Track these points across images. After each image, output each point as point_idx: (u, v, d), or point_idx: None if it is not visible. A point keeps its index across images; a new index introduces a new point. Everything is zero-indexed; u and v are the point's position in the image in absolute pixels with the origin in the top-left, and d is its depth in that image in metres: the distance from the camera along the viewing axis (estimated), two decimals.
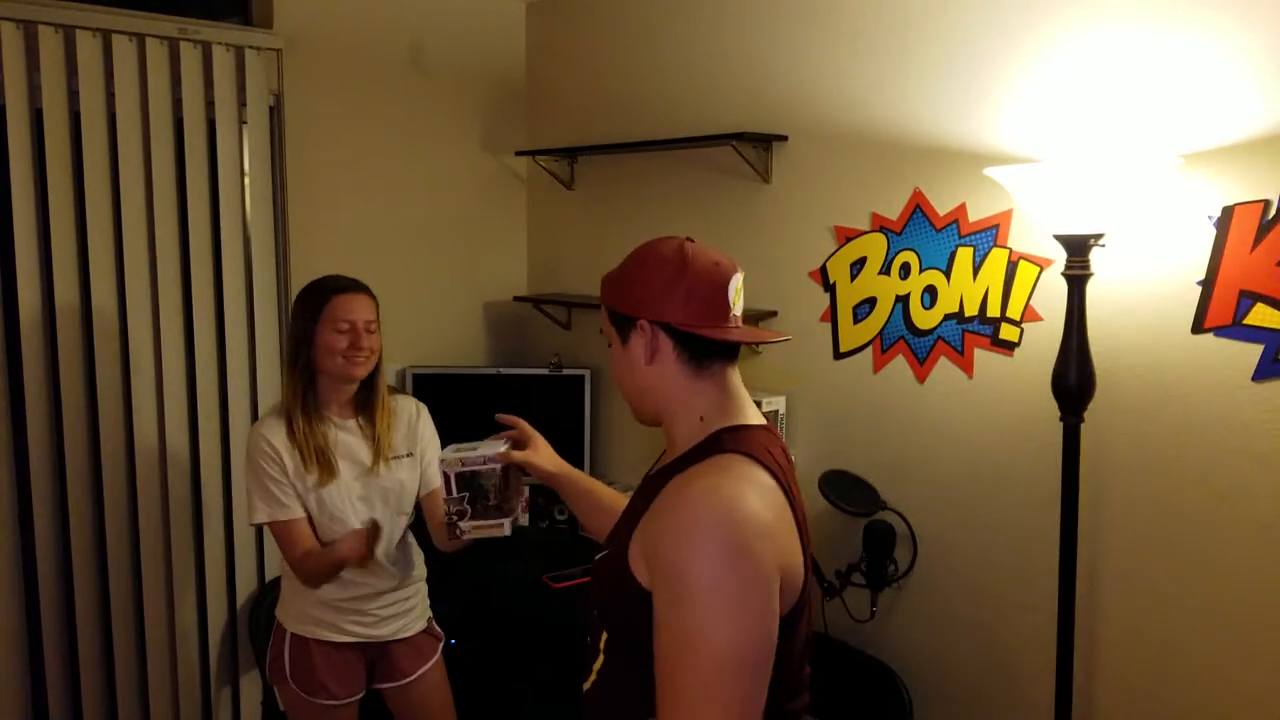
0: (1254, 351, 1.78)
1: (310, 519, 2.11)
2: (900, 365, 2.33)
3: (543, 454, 1.69)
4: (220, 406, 2.79)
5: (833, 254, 2.45)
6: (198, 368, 2.74)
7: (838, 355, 2.46)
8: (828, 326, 2.47)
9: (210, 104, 2.69)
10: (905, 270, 2.29)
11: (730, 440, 1.25)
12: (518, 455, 1.66)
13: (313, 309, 2.09)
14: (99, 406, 2.59)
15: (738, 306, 1.30)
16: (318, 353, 2.08)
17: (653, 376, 1.29)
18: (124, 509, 2.65)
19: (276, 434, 2.08)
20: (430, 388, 3.05)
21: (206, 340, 2.74)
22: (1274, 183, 1.73)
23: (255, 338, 2.82)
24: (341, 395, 2.15)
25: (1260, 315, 1.76)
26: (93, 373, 2.58)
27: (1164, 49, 1.84)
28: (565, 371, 3.16)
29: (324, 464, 2.09)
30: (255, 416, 2.84)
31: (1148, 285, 1.90)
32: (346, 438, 2.14)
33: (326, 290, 2.11)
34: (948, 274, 2.21)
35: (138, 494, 2.65)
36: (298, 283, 2.91)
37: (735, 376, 1.31)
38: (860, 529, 2.31)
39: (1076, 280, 1.81)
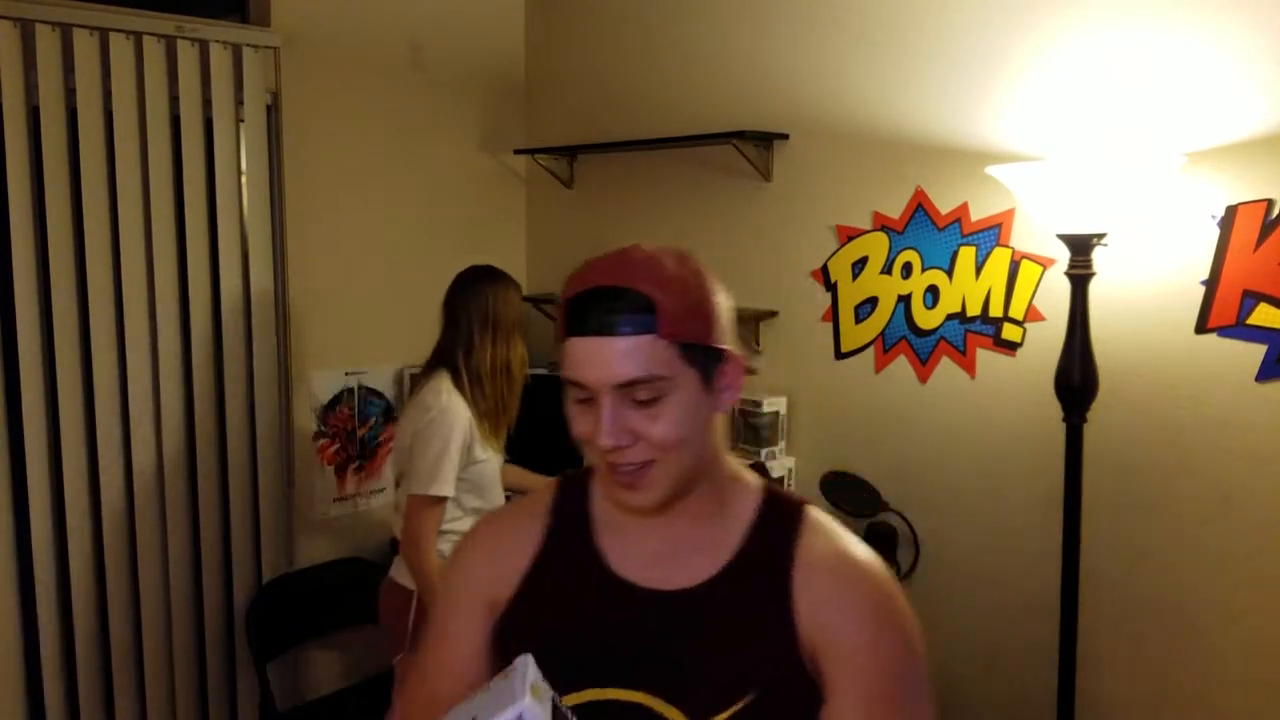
0: (1257, 352, 1.77)
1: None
2: (902, 365, 2.32)
3: None
4: (217, 405, 2.78)
5: (834, 253, 2.44)
6: (194, 365, 2.72)
7: (839, 355, 2.45)
8: (829, 326, 2.46)
9: (207, 102, 2.68)
10: (907, 270, 2.28)
11: (791, 492, 1.09)
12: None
13: (509, 312, 2.32)
14: (95, 404, 2.58)
15: None
16: (514, 347, 2.31)
17: (716, 427, 1.03)
18: (121, 509, 2.63)
19: (470, 413, 2.23)
20: None
21: (203, 338, 2.73)
22: (1278, 182, 1.73)
23: (252, 336, 2.80)
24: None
25: (1263, 315, 1.76)
26: (89, 370, 2.57)
27: (1167, 48, 1.84)
28: None
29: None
30: (253, 415, 2.82)
31: (1151, 285, 1.89)
32: None
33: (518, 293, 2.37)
34: (950, 273, 2.20)
35: (134, 494, 2.64)
36: (295, 281, 2.91)
37: None
38: (862, 530, 2.30)
39: (1079, 280, 1.80)
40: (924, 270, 2.25)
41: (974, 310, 2.16)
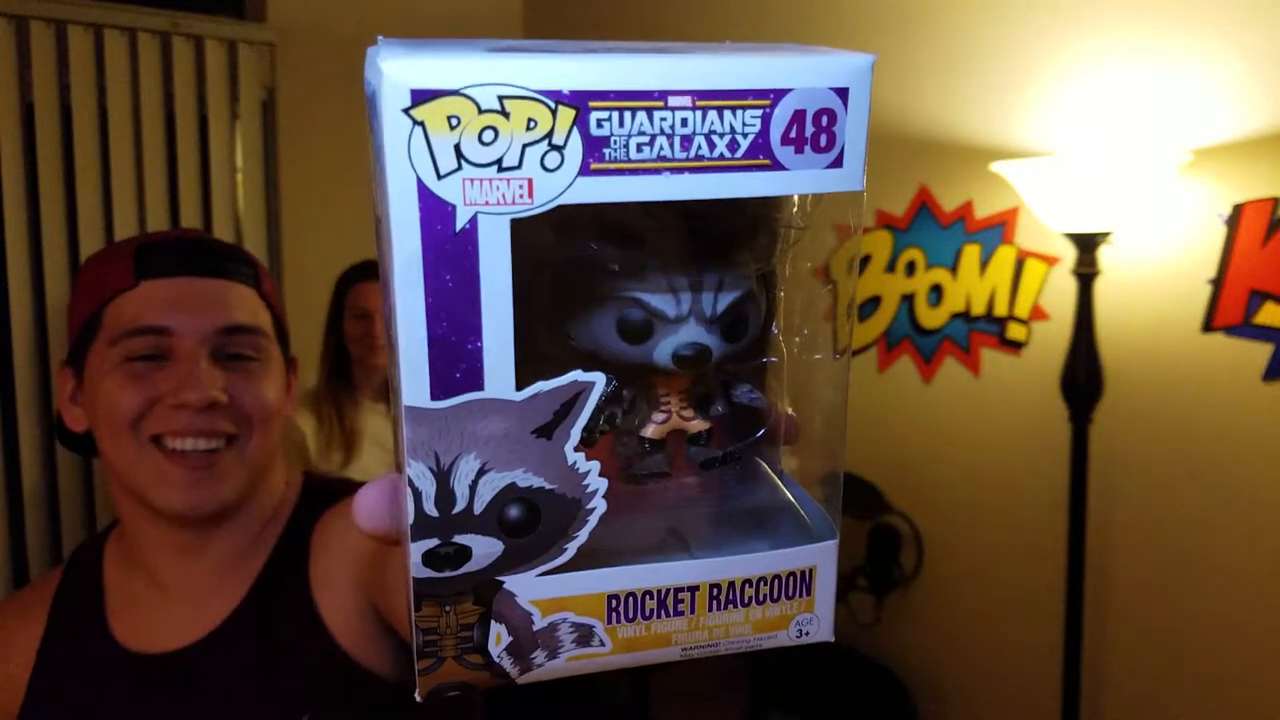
0: (1264, 351, 1.76)
1: None
2: (906, 365, 2.30)
3: None
4: None
5: (835, 251, 2.42)
6: None
7: (841, 354, 2.43)
8: (831, 325, 2.44)
9: (203, 99, 2.66)
10: (911, 268, 2.27)
11: (339, 478, 1.07)
12: None
13: (336, 296, 2.26)
14: None
15: None
16: (345, 339, 2.21)
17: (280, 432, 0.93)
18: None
19: (304, 418, 2.20)
20: None
21: None
22: None
23: None
24: (373, 380, 2.22)
25: (1270, 314, 1.74)
26: None
27: (1173, 43, 1.82)
28: None
29: (350, 446, 2.17)
30: None
31: (1157, 283, 1.88)
32: (379, 421, 2.23)
33: (348, 279, 2.26)
34: (954, 272, 2.18)
35: None
36: (291, 280, 2.89)
37: None
38: (864, 532, 2.28)
39: (1085, 278, 1.79)
40: (928, 268, 2.23)
41: (978, 309, 2.15)
